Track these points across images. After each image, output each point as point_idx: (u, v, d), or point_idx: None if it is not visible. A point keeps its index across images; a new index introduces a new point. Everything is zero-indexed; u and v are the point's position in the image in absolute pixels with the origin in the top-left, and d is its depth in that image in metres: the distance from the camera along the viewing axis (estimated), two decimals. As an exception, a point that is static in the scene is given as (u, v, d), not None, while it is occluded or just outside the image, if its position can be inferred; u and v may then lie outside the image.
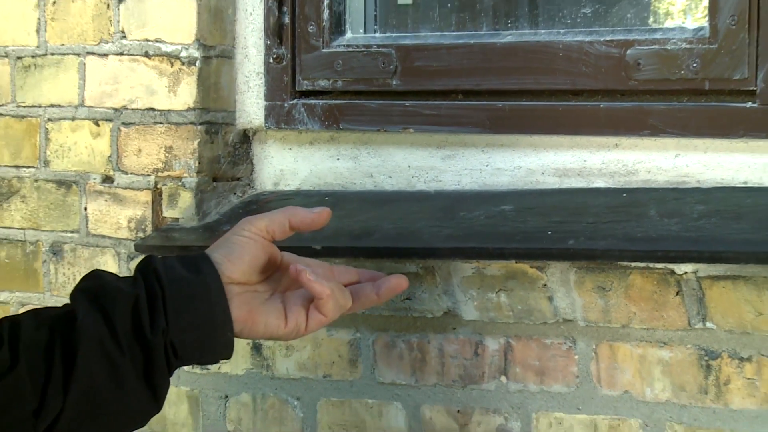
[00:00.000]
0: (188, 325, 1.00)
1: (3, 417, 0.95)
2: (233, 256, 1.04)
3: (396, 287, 1.10)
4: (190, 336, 1.01)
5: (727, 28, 1.14)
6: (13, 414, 0.96)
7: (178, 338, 1.00)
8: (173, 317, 1.00)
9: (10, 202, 1.52)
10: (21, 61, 1.51)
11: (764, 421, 1.08)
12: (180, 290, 1.01)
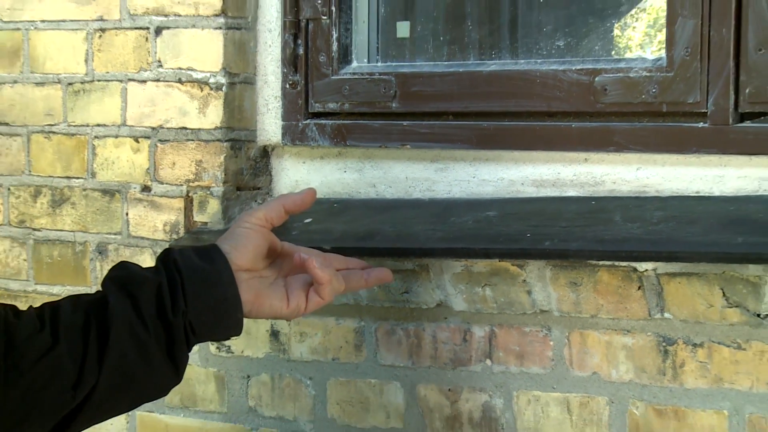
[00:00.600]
0: (204, 307, 1.01)
1: (47, 390, 0.95)
2: (239, 246, 1.04)
3: (384, 277, 1.13)
4: (206, 316, 1.01)
5: (682, 59, 1.14)
6: (55, 387, 0.96)
7: (195, 319, 1.00)
8: (191, 301, 1.00)
9: (62, 208, 1.51)
10: (71, 87, 1.50)
11: (714, 398, 1.08)
12: (196, 277, 1.01)
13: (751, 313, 1.04)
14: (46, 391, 0.96)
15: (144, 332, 0.99)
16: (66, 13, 1.49)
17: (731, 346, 1.06)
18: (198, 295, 1.01)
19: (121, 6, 1.44)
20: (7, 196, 1.56)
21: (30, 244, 1.54)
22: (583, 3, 1.37)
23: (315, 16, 1.36)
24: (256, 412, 1.36)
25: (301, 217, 1.30)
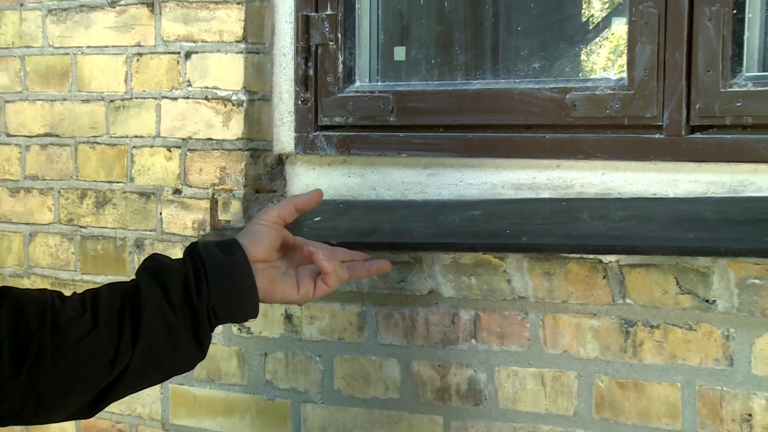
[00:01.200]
0: (224, 294, 1.01)
1: (88, 365, 0.96)
2: (256, 240, 1.04)
3: (383, 268, 1.12)
4: (226, 302, 1.01)
5: (641, 79, 1.13)
6: (95, 363, 0.96)
7: (217, 304, 1.00)
8: (213, 288, 1.00)
9: (104, 208, 1.51)
10: (113, 104, 1.50)
11: (668, 373, 1.08)
12: (218, 268, 1.01)
13: (700, 299, 1.04)
14: (87, 366, 0.96)
15: (172, 316, 1.00)
16: (108, 40, 1.48)
17: (683, 328, 1.06)
18: (219, 284, 1.01)
19: (156, 34, 1.43)
20: (58, 198, 1.56)
21: (77, 239, 1.54)
22: (555, 31, 1.37)
23: (323, 42, 1.35)
24: (272, 385, 1.35)
25: (311, 216, 1.30)
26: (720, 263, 1.00)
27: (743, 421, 1.04)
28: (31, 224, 1.59)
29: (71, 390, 0.98)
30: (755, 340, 1.02)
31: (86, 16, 1.49)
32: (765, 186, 1.09)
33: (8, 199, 1.62)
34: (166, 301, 1.00)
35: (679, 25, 1.10)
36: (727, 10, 1.08)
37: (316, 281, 1.06)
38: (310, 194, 1.12)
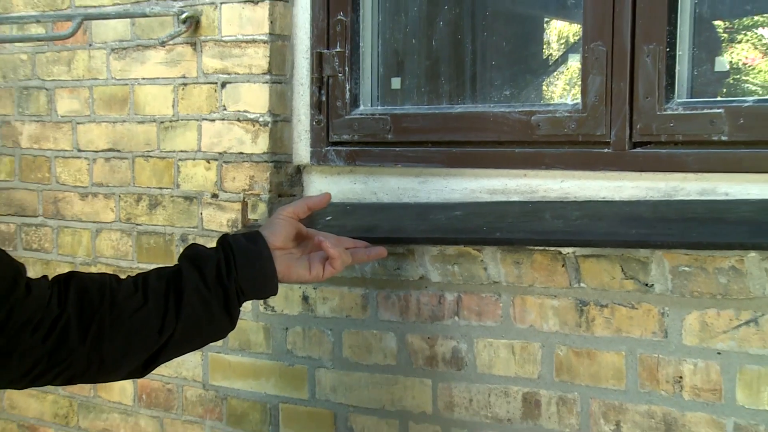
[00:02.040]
0: (249, 276, 1.01)
1: (139, 335, 0.97)
2: (275, 231, 1.04)
3: (380, 253, 1.13)
4: (251, 282, 1.01)
5: (592, 104, 1.13)
6: (145, 333, 0.97)
7: (244, 283, 1.01)
8: (241, 271, 1.00)
9: (156, 209, 1.52)
10: (162, 124, 1.50)
11: (615, 343, 1.08)
12: (244, 254, 1.01)
13: (641, 283, 1.03)
14: (139, 335, 0.97)
15: (207, 294, 1.00)
16: (159, 73, 1.49)
17: (627, 306, 1.06)
18: (245, 267, 1.01)
19: (198, 68, 1.44)
20: (118, 201, 1.56)
21: (134, 235, 1.55)
22: (522, 65, 1.37)
23: (333, 74, 1.35)
24: (292, 353, 1.35)
25: (324, 215, 1.30)
26: (657, 254, 1.00)
27: (675, 383, 1.04)
28: (97, 222, 1.60)
29: (126, 354, 0.98)
30: (685, 316, 1.02)
31: (142, 53, 1.50)
32: (692, 191, 1.08)
33: (79, 202, 1.62)
34: (203, 282, 1.00)
35: (623, 60, 1.10)
36: (662, 48, 1.08)
37: (324, 265, 1.06)
38: (320, 196, 1.12)
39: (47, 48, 1.63)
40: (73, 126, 1.62)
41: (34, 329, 0.91)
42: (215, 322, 1.01)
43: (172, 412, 1.51)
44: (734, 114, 1.03)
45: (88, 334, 0.94)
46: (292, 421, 1.35)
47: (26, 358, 0.91)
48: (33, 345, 0.91)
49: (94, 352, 0.95)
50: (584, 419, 1.10)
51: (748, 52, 1.13)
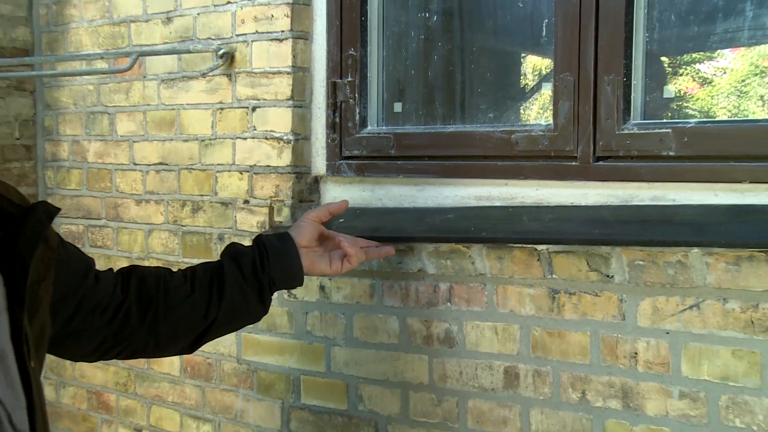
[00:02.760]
0: (280, 270, 1.02)
1: (187, 318, 0.98)
2: (301, 233, 1.05)
3: (389, 251, 1.14)
4: (281, 275, 1.02)
5: (562, 125, 1.13)
6: (192, 317, 0.99)
7: (275, 276, 1.02)
8: (273, 266, 1.01)
9: (197, 213, 1.52)
10: (203, 142, 1.50)
11: (581, 325, 1.08)
12: (276, 252, 1.02)
13: (603, 274, 1.04)
14: (187, 319, 0.99)
15: (245, 284, 1.00)
16: (201, 99, 1.49)
17: (591, 294, 1.06)
18: (277, 263, 1.01)
19: (232, 95, 1.44)
20: (167, 206, 1.57)
21: (180, 234, 1.55)
22: (504, 92, 1.37)
23: (345, 100, 1.35)
24: (311, 334, 1.35)
25: (337, 218, 1.30)
26: (616, 250, 1.00)
27: (631, 358, 1.04)
28: (149, 224, 1.60)
29: (176, 335, 0.99)
30: (639, 302, 1.02)
31: (186, 83, 1.51)
32: (645, 197, 1.08)
33: (134, 207, 1.63)
34: (241, 275, 1.00)
35: (587, 88, 1.10)
36: (620, 78, 1.08)
37: (342, 261, 1.07)
38: (339, 203, 1.14)
39: (109, 80, 1.64)
40: (130, 144, 1.63)
41: (101, 312, 0.91)
42: (251, 308, 1.02)
43: (211, 382, 1.51)
44: (679, 133, 1.03)
45: (146, 318, 0.95)
46: (311, 390, 1.36)
47: (95, 337, 0.91)
48: (101, 326, 0.92)
49: (151, 333, 0.96)
50: (555, 389, 1.10)
51: (689, 83, 1.12)
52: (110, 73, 1.61)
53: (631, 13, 1.06)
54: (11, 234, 0.73)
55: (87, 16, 1.67)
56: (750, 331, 0.95)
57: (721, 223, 0.95)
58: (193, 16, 1.48)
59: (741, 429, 0.96)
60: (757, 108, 1.04)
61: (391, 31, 1.36)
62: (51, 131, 1.78)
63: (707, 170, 1.01)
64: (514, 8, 1.28)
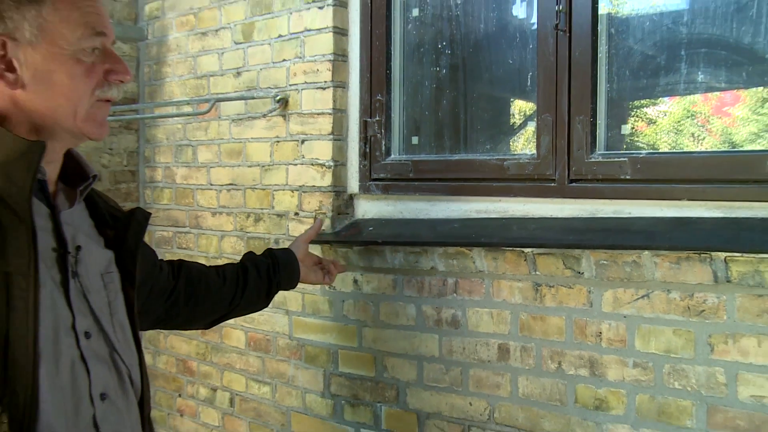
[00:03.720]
0: (285, 276, 1.10)
1: (219, 303, 1.02)
2: (298, 251, 1.14)
3: (341, 269, 1.23)
4: (285, 280, 1.10)
5: (543, 155, 1.14)
6: (222, 302, 1.03)
7: (281, 280, 1.09)
8: (281, 273, 1.09)
9: (259, 223, 1.52)
10: (263, 168, 1.52)
11: (558, 311, 1.07)
12: (283, 263, 1.10)
13: (575, 271, 1.06)
14: (218, 304, 1.04)
15: (260, 284, 1.07)
16: (262, 134, 1.50)
17: (566, 287, 1.08)
18: (284, 271, 1.09)
19: (286, 131, 1.46)
20: (235, 217, 1.59)
21: (245, 239, 1.57)
22: (497, 129, 1.35)
23: (374, 134, 1.36)
24: (347, 318, 1.36)
25: (367, 226, 1.31)
26: (585, 252, 1.03)
27: (597, 336, 1.05)
28: (222, 231, 1.63)
29: (208, 315, 1.04)
30: (603, 293, 1.04)
31: (251, 122, 1.53)
32: (608, 211, 1.08)
33: (210, 218, 1.66)
34: (258, 277, 1.07)
35: (563, 126, 1.11)
36: (587, 118, 1.10)
37: (324, 276, 1.17)
38: (317, 223, 1.23)
39: (193, 120, 1.68)
40: (207, 169, 1.66)
41: (160, 294, 0.95)
42: (260, 301, 1.09)
43: (269, 354, 1.53)
44: (633, 162, 1.05)
45: (190, 301, 0.98)
46: (347, 361, 1.37)
47: (153, 313, 0.94)
48: (159, 305, 0.95)
49: (191, 312, 1.00)
50: (538, 360, 1.11)
51: (639, 122, 1.12)
52: (194, 115, 1.65)
53: (596, 68, 1.08)
54: (120, 232, 0.75)
55: (177, 73, 1.72)
56: (687, 315, 0.97)
57: (666, 231, 0.97)
58: (257, 70, 1.51)
59: (678, 390, 0.97)
60: (689, 143, 1.06)
61: (409, 81, 1.37)
62: (149, 160, 1.82)
63: (655, 190, 1.03)
64: (506, 64, 1.27)
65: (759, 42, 0.92)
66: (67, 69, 0.65)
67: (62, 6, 0.65)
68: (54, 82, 0.65)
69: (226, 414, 1.64)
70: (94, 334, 0.68)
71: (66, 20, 0.65)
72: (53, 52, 0.64)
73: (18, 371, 0.59)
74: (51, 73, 0.64)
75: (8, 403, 0.58)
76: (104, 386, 0.68)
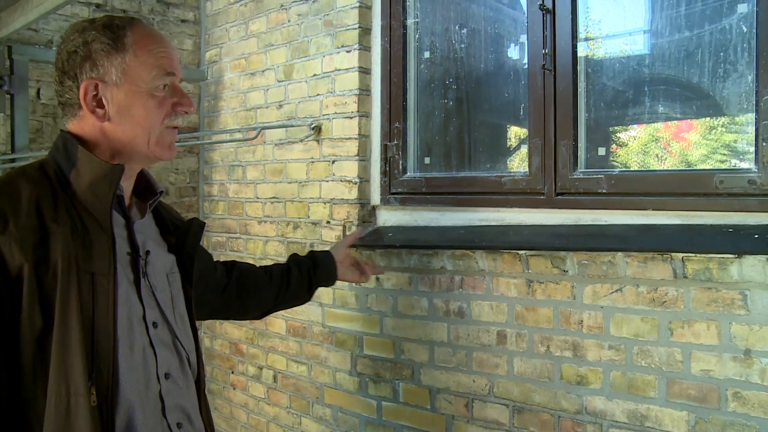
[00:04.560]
0: (324, 275, 1.11)
1: (265, 298, 1.05)
2: (337, 252, 1.14)
3: (380, 271, 1.21)
4: (324, 278, 1.11)
5: (534, 172, 1.17)
6: (269, 297, 1.05)
7: (320, 278, 1.10)
8: (320, 273, 1.10)
9: (297, 230, 1.57)
10: (300, 184, 1.57)
11: (547, 303, 1.11)
12: (322, 264, 1.10)
13: (561, 270, 1.08)
14: (265, 299, 1.06)
15: (302, 281, 1.09)
16: (299, 156, 1.53)
17: (554, 283, 1.10)
18: (323, 271, 1.10)
19: (319, 153, 1.51)
20: (277, 225, 1.64)
21: (285, 243, 1.62)
22: (496, 150, 1.37)
23: (393, 156, 1.40)
24: (371, 309, 1.39)
25: (387, 232, 1.34)
26: (570, 254, 1.05)
27: (579, 324, 1.08)
28: (266, 237, 1.68)
29: (256, 308, 1.06)
30: (585, 288, 1.07)
31: (291, 146, 1.59)
32: (588, 220, 1.12)
33: (257, 225, 1.71)
34: (300, 275, 1.08)
35: (550, 148, 1.15)
36: (570, 142, 1.13)
37: (360, 275, 1.16)
38: (357, 232, 1.21)
39: (243, 145, 1.74)
40: (255, 185, 1.72)
41: (215, 290, 0.98)
42: (302, 295, 1.09)
43: (305, 339, 1.57)
44: (609, 178, 1.09)
45: (241, 296, 1.00)
46: (370, 345, 1.40)
47: (208, 306, 0.97)
48: (213, 298, 0.98)
49: (242, 305, 1.02)
50: (530, 344, 1.14)
51: (613, 145, 1.16)
52: (243, 141, 1.69)
53: (576, 101, 1.13)
54: (180, 239, 0.78)
55: (231, 106, 1.80)
56: (652, 305, 1.00)
57: (635, 236, 1.00)
58: (295, 103, 1.58)
59: (645, 367, 1.01)
60: (654, 162, 1.10)
61: (422, 111, 1.40)
62: (207, 178, 1.89)
63: (626, 202, 1.06)
64: (502, 97, 1.31)
65: (704, 81, 0.98)
66: (143, 103, 0.70)
67: (141, 53, 0.71)
68: (133, 115, 0.70)
69: (270, 388, 1.68)
70: (160, 324, 0.72)
71: (144, 64, 0.70)
72: (133, 90, 0.70)
73: (102, 353, 0.64)
74: (131, 107, 0.70)
75: (95, 378, 0.63)
76: (168, 367, 0.72)
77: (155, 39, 0.72)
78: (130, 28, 0.72)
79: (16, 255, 0.62)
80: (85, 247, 0.65)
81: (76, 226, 0.66)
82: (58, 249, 0.63)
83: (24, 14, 1.56)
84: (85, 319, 0.63)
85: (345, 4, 1.43)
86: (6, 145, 1.71)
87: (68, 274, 0.64)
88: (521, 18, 1.21)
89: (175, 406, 0.72)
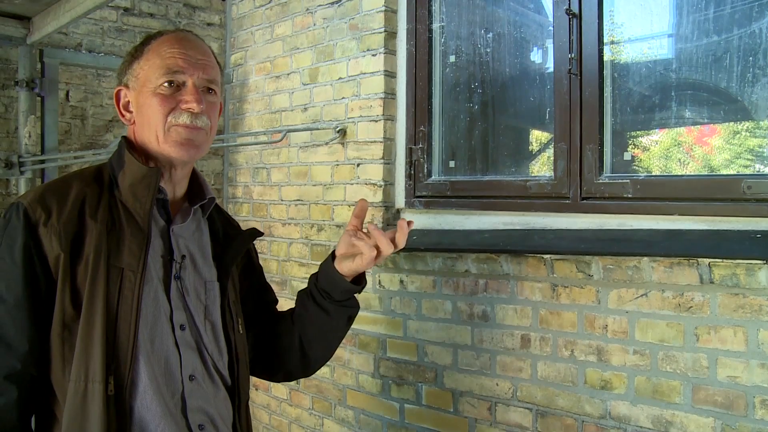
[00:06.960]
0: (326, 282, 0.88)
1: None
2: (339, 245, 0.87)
3: (403, 225, 0.85)
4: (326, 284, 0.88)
5: (560, 176, 1.20)
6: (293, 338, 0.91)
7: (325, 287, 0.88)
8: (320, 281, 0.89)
9: (321, 232, 1.62)
10: (324, 186, 1.60)
11: (572, 307, 1.12)
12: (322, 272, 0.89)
13: (586, 274, 1.10)
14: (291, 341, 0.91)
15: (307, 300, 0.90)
16: (324, 158, 1.57)
17: (579, 287, 1.12)
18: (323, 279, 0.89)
19: (344, 155, 1.55)
20: (302, 227, 1.68)
21: (309, 245, 1.66)
22: (520, 154, 1.39)
23: (418, 159, 1.43)
24: (394, 311, 1.42)
25: (411, 235, 1.32)
26: (595, 258, 1.07)
27: (603, 328, 1.11)
28: (290, 239, 1.72)
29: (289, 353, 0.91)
30: (610, 292, 1.09)
31: (315, 148, 1.63)
32: (613, 224, 1.13)
33: (281, 227, 1.75)
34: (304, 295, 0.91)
35: (576, 152, 1.18)
36: (596, 146, 1.16)
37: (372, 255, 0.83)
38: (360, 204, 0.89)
39: (268, 147, 1.78)
40: (279, 187, 1.77)
41: (254, 321, 0.90)
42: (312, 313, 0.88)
43: None
44: (634, 183, 1.11)
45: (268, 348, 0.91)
46: (393, 348, 1.43)
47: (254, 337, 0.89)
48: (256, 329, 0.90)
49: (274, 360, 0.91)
50: (554, 348, 1.17)
51: (638, 150, 1.19)
52: (268, 143, 1.74)
53: (602, 105, 1.15)
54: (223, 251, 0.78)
55: (256, 109, 1.84)
56: (678, 310, 1.03)
57: (661, 241, 1.02)
58: (320, 106, 1.62)
59: (670, 372, 1.04)
60: (677, 167, 1.12)
61: (447, 114, 1.43)
62: (232, 180, 1.93)
63: (652, 207, 1.08)
64: (527, 101, 1.34)
65: (732, 86, 1.00)
66: (149, 101, 0.75)
67: (151, 56, 0.77)
68: (144, 113, 0.75)
69: (293, 390, 1.70)
70: (187, 327, 0.74)
71: (152, 66, 0.76)
72: (144, 91, 0.76)
73: (122, 345, 0.67)
74: (142, 108, 0.76)
75: (114, 368, 0.67)
76: (192, 369, 0.73)
77: (171, 43, 0.76)
78: (158, 37, 0.77)
79: (55, 245, 0.69)
80: (119, 244, 0.70)
81: (114, 223, 0.72)
82: (92, 243, 0.69)
83: (56, 18, 1.64)
84: (109, 311, 0.68)
85: (371, 8, 1.46)
86: (36, 146, 1.81)
87: (97, 267, 0.69)
88: (546, 23, 1.23)
89: (198, 408, 0.73)
